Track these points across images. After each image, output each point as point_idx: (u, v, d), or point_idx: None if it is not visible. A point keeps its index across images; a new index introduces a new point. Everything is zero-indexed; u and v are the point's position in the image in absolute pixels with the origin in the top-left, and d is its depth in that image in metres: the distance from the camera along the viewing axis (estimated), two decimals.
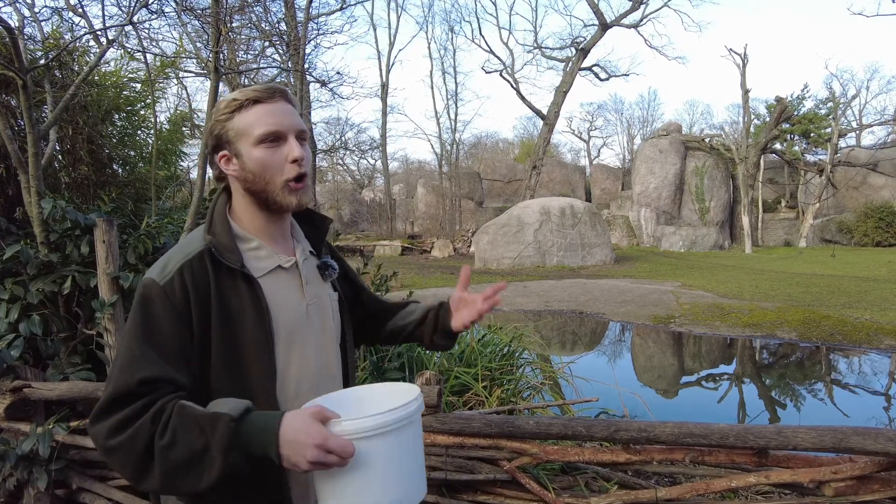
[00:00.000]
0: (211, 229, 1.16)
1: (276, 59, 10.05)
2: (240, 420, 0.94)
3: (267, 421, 0.94)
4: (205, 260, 1.11)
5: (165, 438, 0.93)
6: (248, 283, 1.12)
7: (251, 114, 1.12)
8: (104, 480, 2.76)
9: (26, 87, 2.76)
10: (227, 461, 0.92)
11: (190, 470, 0.93)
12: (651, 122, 45.91)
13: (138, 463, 0.94)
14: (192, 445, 0.93)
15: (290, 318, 1.18)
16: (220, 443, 0.92)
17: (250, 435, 0.93)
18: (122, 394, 0.98)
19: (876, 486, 1.83)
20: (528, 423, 2.15)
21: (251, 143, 1.13)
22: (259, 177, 1.14)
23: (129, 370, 0.99)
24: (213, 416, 0.94)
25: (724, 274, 15.18)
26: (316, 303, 1.25)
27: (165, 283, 1.07)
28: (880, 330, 8.21)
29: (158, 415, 0.96)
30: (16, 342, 2.74)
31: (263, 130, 1.12)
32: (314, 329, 1.23)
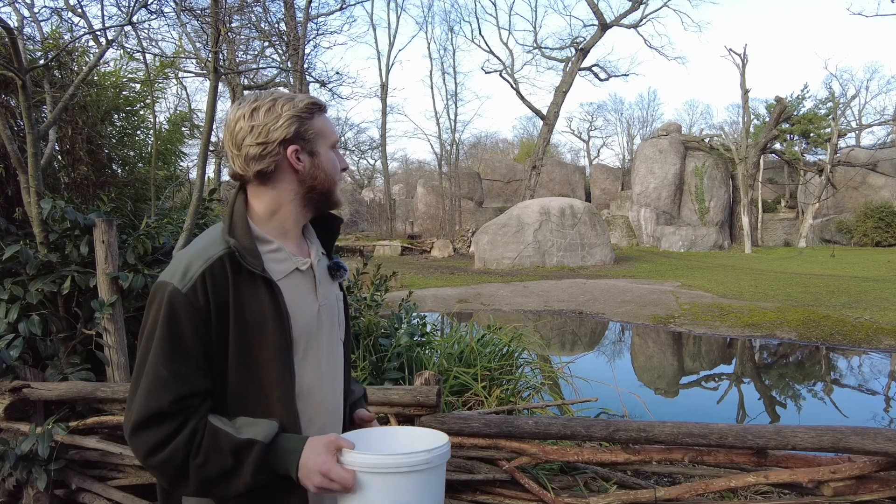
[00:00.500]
0: (231, 231, 1.15)
1: (275, 59, 10.05)
2: (269, 445, 1.06)
3: (292, 448, 1.06)
4: (225, 264, 1.11)
5: (199, 458, 1.04)
6: (269, 287, 1.13)
7: (324, 120, 1.24)
8: (103, 480, 2.76)
9: (26, 87, 2.76)
10: (255, 479, 1.05)
11: (220, 483, 1.06)
12: (651, 122, 45.97)
13: (175, 477, 1.06)
14: (222, 467, 1.05)
15: (306, 320, 1.20)
16: (252, 466, 1.05)
17: (277, 458, 1.06)
18: (155, 413, 1.05)
19: (875, 486, 1.83)
20: (528, 423, 2.15)
21: (328, 146, 1.24)
22: (329, 176, 1.24)
23: (160, 391, 1.05)
24: (248, 442, 1.05)
25: (723, 274, 15.19)
26: (326, 304, 1.27)
27: (188, 291, 1.08)
28: (880, 330, 8.22)
29: (192, 436, 1.05)
30: (15, 342, 2.74)
31: (335, 138, 1.26)
32: (325, 330, 1.25)
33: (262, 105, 1.16)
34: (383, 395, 2.32)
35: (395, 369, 3.72)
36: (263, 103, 1.16)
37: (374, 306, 4.23)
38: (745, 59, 24.69)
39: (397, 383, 3.61)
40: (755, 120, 26.77)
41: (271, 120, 1.15)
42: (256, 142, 1.15)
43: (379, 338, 3.91)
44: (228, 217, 1.18)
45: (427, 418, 2.26)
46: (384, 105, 27.71)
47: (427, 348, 4.21)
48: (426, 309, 10.44)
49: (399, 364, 3.77)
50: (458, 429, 2.22)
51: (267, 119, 1.15)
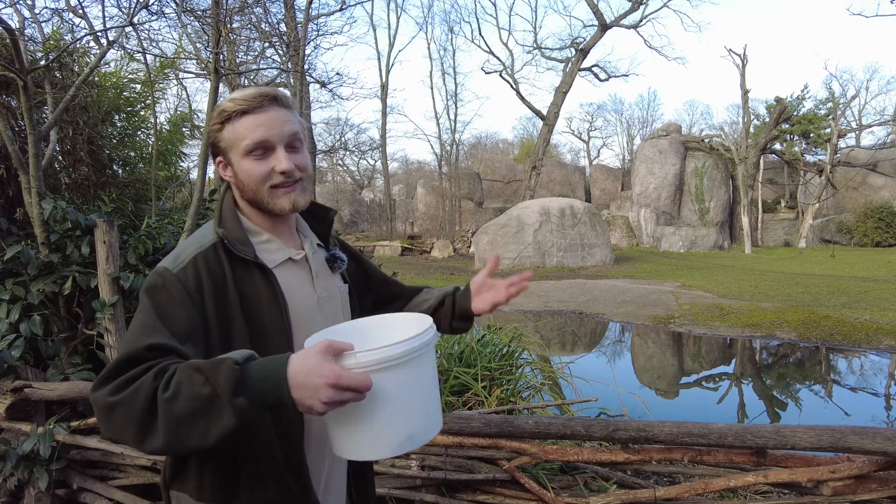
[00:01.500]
0: (221, 223, 1.16)
1: (275, 59, 10.06)
2: (244, 364, 0.89)
3: (274, 364, 0.88)
4: (219, 251, 1.12)
5: (169, 391, 0.87)
6: (263, 273, 1.14)
7: (239, 125, 1.12)
8: (105, 480, 2.76)
9: (27, 88, 2.77)
10: (235, 407, 0.85)
11: (196, 421, 0.86)
12: (651, 122, 45.95)
13: (141, 420, 0.87)
14: (196, 394, 0.86)
15: (303, 309, 1.19)
16: (226, 388, 0.85)
17: (257, 379, 0.87)
18: (129, 358, 0.93)
19: (874, 486, 1.83)
20: (528, 422, 2.16)
21: (240, 155, 1.14)
22: (248, 186, 1.15)
23: (137, 338, 0.96)
24: (216, 361, 0.89)
25: (723, 274, 15.19)
26: (327, 296, 1.26)
27: (178, 271, 1.07)
28: (880, 330, 8.22)
29: (162, 372, 0.90)
30: (16, 342, 2.74)
31: (250, 143, 1.12)
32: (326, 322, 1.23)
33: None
34: None
35: None
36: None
37: None
38: (744, 60, 24.69)
39: None
40: (755, 120, 26.77)
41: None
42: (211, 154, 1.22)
43: None
44: (218, 211, 1.20)
45: None
46: (384, 105, 27.72)
47: None
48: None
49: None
50: (459, 428, 2.23)
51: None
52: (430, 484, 2.37)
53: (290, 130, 1.15)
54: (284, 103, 1.16)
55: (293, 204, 1.16)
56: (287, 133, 1.14)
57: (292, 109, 1.18)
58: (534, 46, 25.08)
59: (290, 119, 1.16)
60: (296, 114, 1.19)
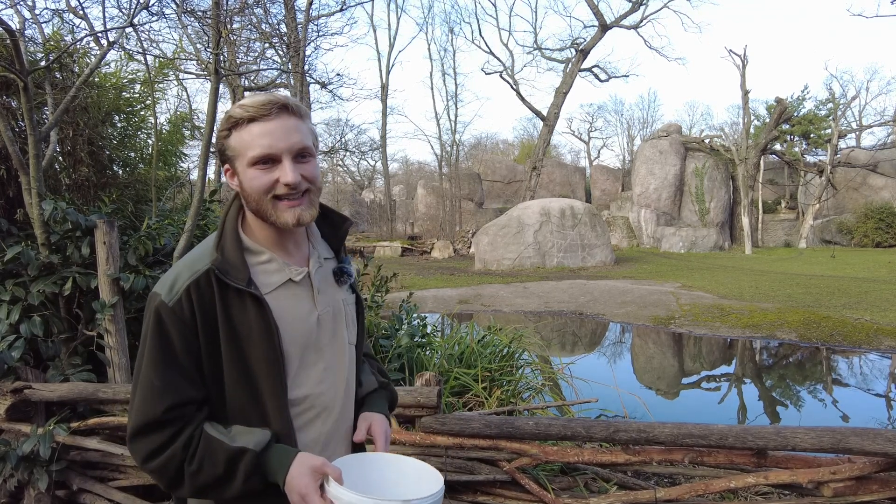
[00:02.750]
0: (220, 244, 1.14)
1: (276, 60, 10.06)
2: (261, 454, 1.09)
3: (282, 461, 1.09)
4: (211, 278, 1.10)
5: (193, 466, 1.08)
6: (256, 302, 1.11)
7: (246, 133, 1.09)
8: (104, 481, 2.76)
9: (27, 88, 2.77)
10: (246, 486, 1.09)
11: (215, 489, 1.10)
12: (651, 122, 45.92)
13: (171, 482, 1.10)
14: (215, 474, 1.08)
15: (301, 332, 1.18)
16: (243, 474, 1.08)
17: (268, 467, 1.10)
18: (151, 422, 1.08)
19: (874, 487, 1.83)
20: (528, 423, 2.16)
21: (246, 164, 1.11)
22: (251, 197, 1.12)
23: (153, 400, 1.08)
24: (240, 451, 1.08)
25: (724, 275, 15.18)
26: (328, 312, 1.23)
27: (174, 304, 1.09)
28: (880, 331, 8.21)
29: (188, 444, 1.09)
30: (16, 343, 2.74)
31: (256, 153, 1.09)
32: (326, 338, 1.22)
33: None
34: None
35: (396, 370, 3.72)
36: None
37: (374, 307, 4.24)
38: (745, 60, 24.69)
39: (398, 384, 3.61)
40: (755, 121, 26.77)
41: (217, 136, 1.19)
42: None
43: (379, 339, 3.92)
44: (220, 228, 1.17)
45: (427, 419, 2.27)
46: (384, 106, 27.73)
47: (427, 349, 4.22)
48: (426, 310, 10.45)
49: (400, 365, 3.77)
50: (459, 429, 2.23)
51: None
52: None
53: (299, 141, 1.11)
54: (295, 112, 1.12)
55: (297, 218, 1.11)
56: (295, 143, 1.10)
57: (304, 118, 1.14)
58: (534, 47, 25.11)
59: (299, 129, 1.12)
60: (308, 123, 1.15)
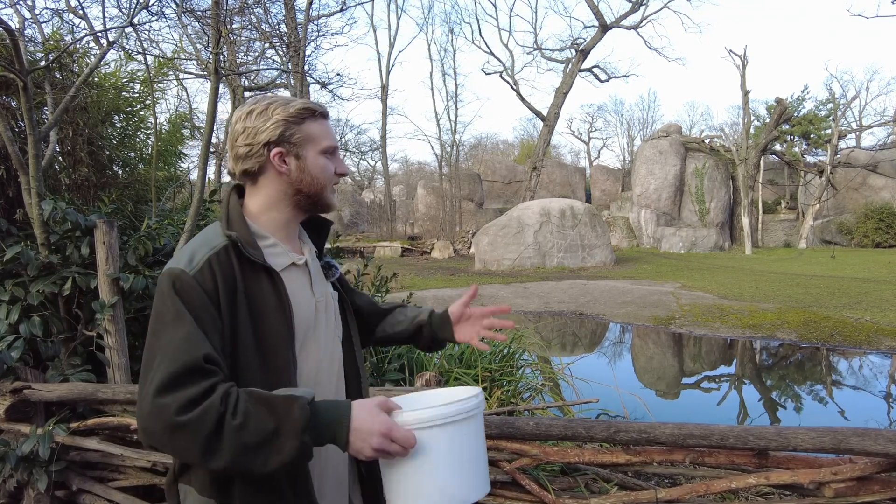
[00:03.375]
0: (230, 226, 1.19)
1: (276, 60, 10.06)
2: (312, 402, 0.99)
3: (339, 408, 1.00)
4: (230, 253, 1.15)
5: (237, 419, 0.94)
6: (271, 277, 1.17)
7: (319, 125, 1.24)
8: (104, 482, 2.75)
9: (27, 88, 2.77)
10: (301, 443, 0.94)
11: (259, 451, 0.94)
12: (651, 123, 45.95)
13: (207, 442, 0.92)
14: (264, 426, 0.94)
15: (305, 313, 1.23)
16: (295, 425, 0.94)
17: (321, 420, 0.98)
18: (191, 368, 0.96)
19: (876, 488, 1.83)
20: (528, 424, 2.15)
21: (318, 151, 1.24)
22: (317, 180, 1.25)
23: (190, 346, 0.99)
24: (288, 398, 0.97)
25: (724, 275, 15.18)
26: (323, 301, 1.30)
27: (196, 273, 1.09)
28: (880, 331, 8.21)
29: (227, 396, 0.96)
30: (16, 343, 2.74)
31: (329, 143, 1.25)
32: (322, 326, 1.28)
33: (258, 108, 1.21)
34: None
35: (396, 370, 3.72)
36: (259, 106, 1.21)
37: None
38: (745, 61, 24.70)
39: (398, 384, 3.61)
40: (755, 121, 26.77)
41: (261, 123, 1.20)
42: (245, 143, 1.21)
43: None
44: (225, 214, 1.22)
45: None
46: (384, 106, 27.73)
47: None
48: None
49: (399, 365, 3.77)
50: None
51: (257, 122, 1.20)
52: None
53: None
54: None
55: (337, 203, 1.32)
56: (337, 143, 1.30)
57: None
58: (534, 47, 25.11)
59: None
60: None
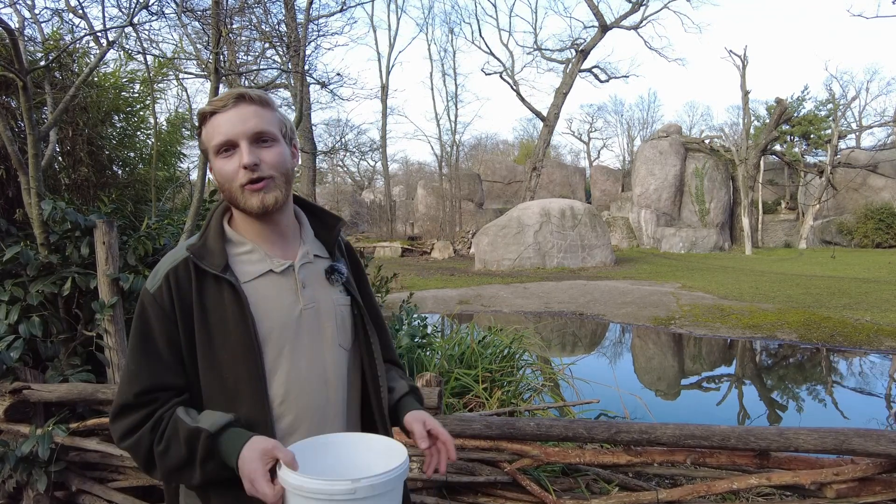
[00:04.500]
0: (203, 234, 1.21)
1: (276, 60, 10.05)
2: (216, 436, 1.07)
3: (236, 443, 1.06)
4: (189, 266, 1.15)
5: (161, 446, 1.09)
6: (231, 289, 1.14)
7: (210, 126, 1.16)
8: (104, 482, 2.75)
9: (26, 88, 2.76)
10: (203, 471, 1.07)
11: (182, 472, 1.10)
12: (651, 123, 45.91)
13: (145, 462, 1.12)
14: (179, 455, 1.08)
15: (279, 322, 1.17)
16: (199, 456, 1.07)
17: (223, 451, 1.07)
18: (124, 405, 1.13)
19: (877, 488, 1.82)
20: (529, 424, 2.15)
21: (213, 155, 1.17)
22: (222, 186, 1.17)
23: (128, 384, 1.13)
24: (195, 430, 1.07)
25: (724, 275, 15.18)
26: (313, 307, 1.22)
27: (155, 291, 1.15)
28: (881, 331, 8.21)
29: (157, 425, 1.11)
30: (15, 344, 2.73)
31: (216, 142, 1.14)
32: (308, 334, 1.20)
33: None
34: None
35: None
36: None
37: None
38: (745, 61, 24.70)
39: None
40: (755, 121, 26.77)
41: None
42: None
43: None
44: (206, 221, 1.23)
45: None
46: (384, 106, 27.73)
47: (428, 350, 4.21)
48: (427, 310, 10.44)
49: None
50: (460, 430, 2.22)
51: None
52: (430, 486, 2.35)
53: (255, 125, 1.13)
54: (254, 100, 1.16)
55: (262, 202, 1.14)
56: (250, 128, 1.13)
57: (265, 106, 1.17)
58: (534, 48, 25.11)
59: (258, 114, 1.15)
60: (273, 111, 1.19)
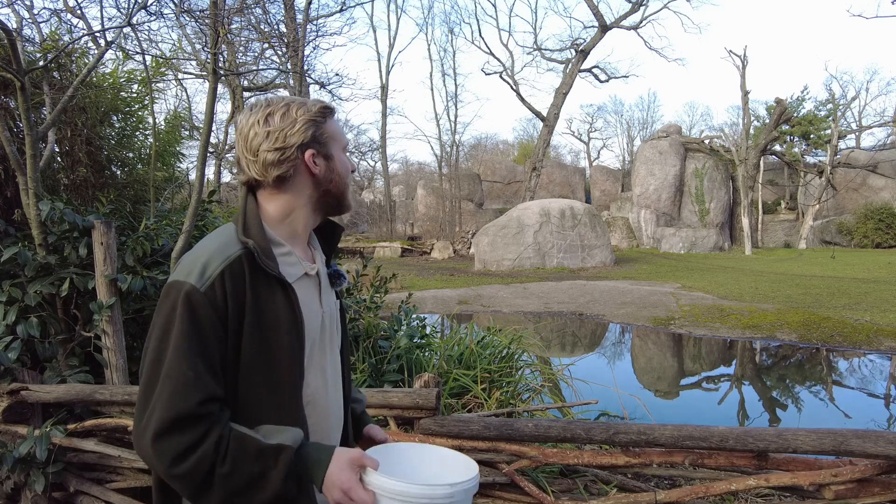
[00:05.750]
0: (247, 232, 1.13)
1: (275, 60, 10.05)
2: (298, 451, 1.04)
3: (320, 457, 1.04)
4: (244, 264, 1.09)
5: (226, 467, 0.99)
6: (285, 289, 1.13)
7: (336, 124, 1.24)
8: (101, 483, 2.74)
9: (24, 88, 2.76)
10: (284, 487, 1.01)
11: (246, 493, 1.01)
12: (651, 123, 45.95)
13: (198, 488, 1.00)
14: (251, 472, 1.01)
15: (314, 325, 1.19)
16: (282, 472, 1.01)
17: (305, 465, 1.04)
18: (183, 416, 0.99)
19: (876, 490, 1.82)
20: (527, 425, 2.14)
21: (341, 149, 1.24)
22: (343, 179, 1.24)
23: (186, 391, 1.00)
24: (277, 448, 1.02)
25: (723, 275, 15.18)
26: (329, 311, 1.26)
27: (207, 290, 1.05)
28: (880, 332, 8.20)
29: (219, 443, 1.00)
30: (13, 344, 2.73)
31: (346, 141, 1.27)
32: (327, 338, 1.24)
33: (277, 110, 1.16)
34: (382, 398, 2.31)
35: (395, 371, 3.71)
36: (277, 108, 1.16)
37: (373, 308, 4.23)
38: (745, 61, 24.71)
39: (397, 385, 3.60)
40: (755, 121, 26.78)
41: (287, 125, 1.15)
42: (274, 147, 1.14)
43: (378, 340, 3.91)
44: (242, 219, 1.16)
45: (426, 421, 2.26)
46: (384, 106, 27.74)
47: (427, 350, 4.20)
48: (426, 311, 10.44)
49: (398, 366, 3.76)
50: (458, 431, 2.21)
51: (283, 124, 1.15)
52: None
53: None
54: None
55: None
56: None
57: None
58: (534, 48, 25.12)
59: None
60: None
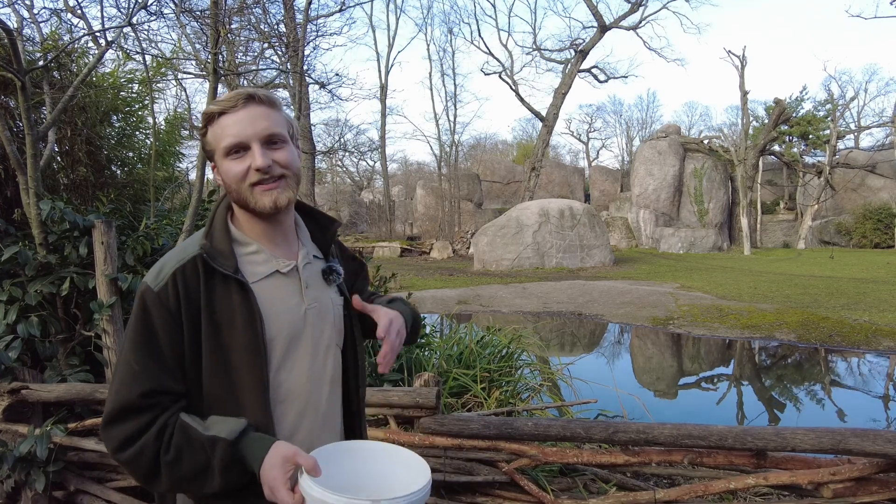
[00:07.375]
0: (209, 233, 1.17)
1: (274, 60, 10.05)
2: (235, 444, 1.05)
3: (257, 451, 1.05)
4: (197, 265, 1.13)
5: (170, 455, 1.04)
6: (242, 288, 1.13)
7: (218, 127, 1.15)
8: (102, 482, 2.75)
9: (25, 88, 2.76)
10: (224, 478, 1.05)
11: (193, 481, 1.06)
12: (650, 123, 45.98)
13: (146, 474, 1.06)
14: (194, 462, 1.05)
15: (287, 323, 1.18)
16: (220, 463, 1.04)
17: (244, 457, 1.05)
18: (126, 407, 1.06)
19: (874, 488, 1.83)
20: (527, 424, 2.15)
21: (221, 156, 1.15)
22: (231, 187, 1.16)
23: (130, 383, 1.07)
24: (211, 440, 1.05)
25: (722, 275, 15.19)
26: (315, 307, 1.24)
27: (160, 290, 1.10)
28: (879, 331, 8.22)
29: (161, 432, 1.06)
30: (14, 344, 2.73)
31: (226, 143, 1.14)
32: (311, 334, 1.22)
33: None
34: (383, 397, 2.32)
35: (395, 371, 3.72)
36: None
37: None
38: (744, 61, 24.73)
39: (396, 385, 3.60)
40: (754, 122, 26.81)
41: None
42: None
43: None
44: (210, 220, 1.21)
45: (426, 420, 2.26)
46: (383, 106, 27.74)
47: (426, 350, 4.21)
48: (425, 310, 10.44)
49: (398, 365, 3.76)
50: (458, 430, 2.22)
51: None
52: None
53: (266, 127, 1.14)
54: (263, 101, 1.15)
55: (274, 201, 1.14)
56: (262, 129, 1.14)
57: (274, 107, 1.17)
58: (533, 48, 25.13)
59: (268, 116, 1.15)
60: (280, 111, 1.19)
